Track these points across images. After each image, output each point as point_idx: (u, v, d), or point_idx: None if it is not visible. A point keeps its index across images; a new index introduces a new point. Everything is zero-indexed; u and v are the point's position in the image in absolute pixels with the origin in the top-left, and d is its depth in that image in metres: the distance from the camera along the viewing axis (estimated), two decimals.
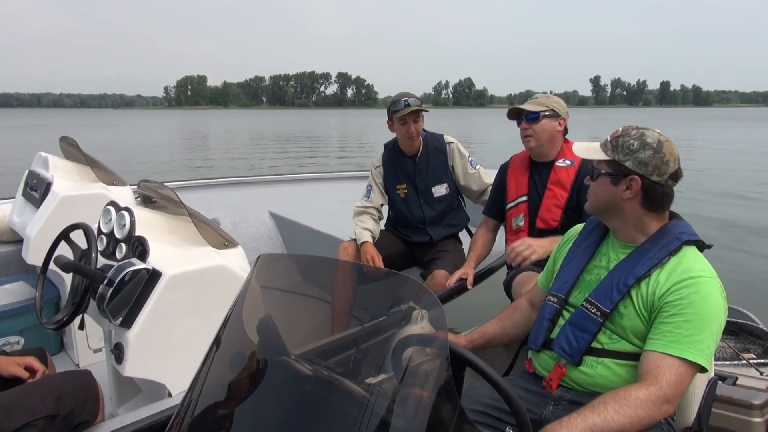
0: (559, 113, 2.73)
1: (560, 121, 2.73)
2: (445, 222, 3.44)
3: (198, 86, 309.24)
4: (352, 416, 1.09)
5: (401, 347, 1.24)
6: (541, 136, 2.73)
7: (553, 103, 2.74)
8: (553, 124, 2.72)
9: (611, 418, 1.46)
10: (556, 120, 2.73)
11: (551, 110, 2.72)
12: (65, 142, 3.70)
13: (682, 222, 1.73)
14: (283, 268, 1.54)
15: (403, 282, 1.39)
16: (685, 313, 1.55)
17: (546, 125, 2.72)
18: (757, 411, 2.18)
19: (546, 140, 2.74)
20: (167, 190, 2.54)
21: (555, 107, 2.73)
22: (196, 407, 1.21)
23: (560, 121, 2.73)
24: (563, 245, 2.00)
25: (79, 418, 1.76)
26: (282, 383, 1.23)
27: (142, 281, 2.00)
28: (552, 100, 2.77)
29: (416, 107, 3.22)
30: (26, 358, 1.95)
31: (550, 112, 2.72)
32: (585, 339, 1.70)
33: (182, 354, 1.98)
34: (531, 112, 2.72)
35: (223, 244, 2.36)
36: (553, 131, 2.73)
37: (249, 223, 4.79)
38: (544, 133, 2.72)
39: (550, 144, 2.75)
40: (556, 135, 2.75)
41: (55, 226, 2.36)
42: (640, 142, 1.66)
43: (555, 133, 2.74)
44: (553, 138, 2.75)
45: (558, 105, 2.75)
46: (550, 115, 2.72)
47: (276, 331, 1.30)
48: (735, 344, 2.84)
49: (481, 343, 2.02)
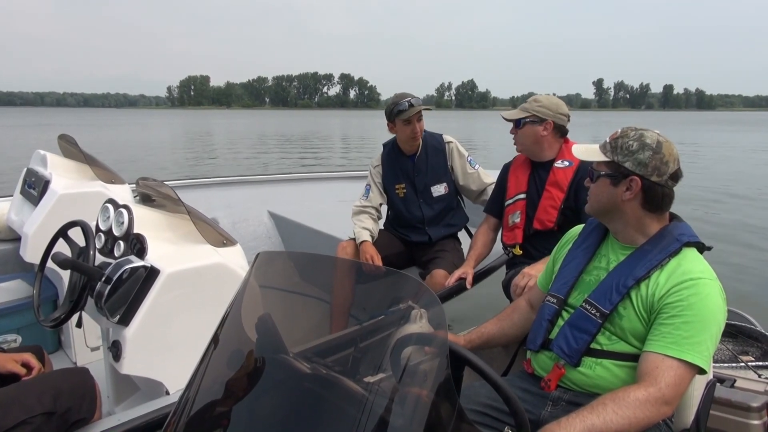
0: (544, 118, 2.74)
1: (545, 126, 2.75)
2: (444, 222, 3.43)
3: (201, 86, 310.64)
4: (350, 414, 1.09)
5: (400, 346, 1.23)
6: (524, 141, 2.82)
7: (537, 108, 2.76)
8: (535, 129, 2.76)
9: (610, 419, 1.45)
10: (540, 125, 2.75)
11: (533, 116, 2.75)
12: (64, 140, 3.69)
13: (682, 223, 1.73)
14: (282, 266, 1.54)
15: (403, 280, 1.39)
16: (685, 314, 1.55)
17: (527, 131, 2.78)
18: (755, 413, 2.17)
19: (530, 144, 2.81)
20: (166, 188, 2.53)
21: (539, 112, 2.75)
22: (193, 405, 1.20)
23: (545, 125, 2.75)
24: (563, 246, 2.00)
25: (76, 415, 1.75)
26: (280, 381, 1.23)
27: (140, 279, 2.00)
28: (538, 104, 2.78)
29: (420, 108, 3.23)
30: (23, 354, 1.94)
31: (532, 117, 2.75)
32: (584, 340, 1.69)
33: (180, 352, 1.98)
34: (516, 119, 2.79)
35: (221, 242, 2.36)
36: (535, 136, 2.77)
37: (248, 223, 4.79)
38: (527, 138, 2.80)
39: (535, 147, 2.81)
40: (541, 139, 2.78)
41: (53, 224, 2.36)
42: (639, 143, 1.66)
43: (538, 138, 2.77)
44: (538, 142, 2.79)
45: (543, 110, 2.76)
46: (531, 121, 2.76)
47: (275, 329, 1.29)
48: (734, 347, 2.83)
49: (480, 343, 2.02)
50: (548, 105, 2.77)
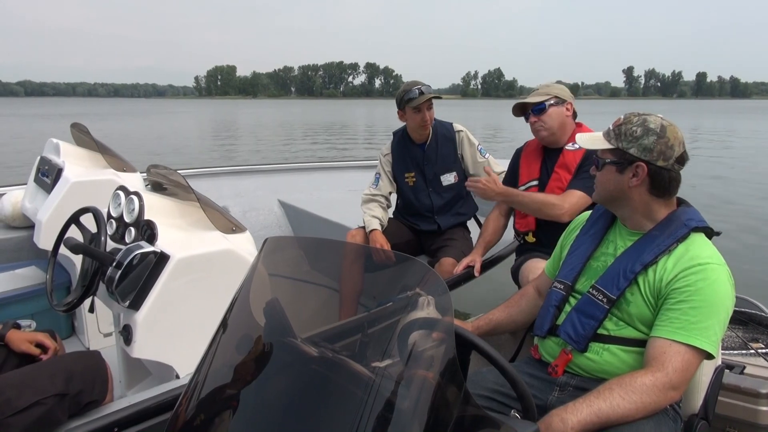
0: (564, 98, 2.73)
1: (567, 106, 2.74)
2: (453, 210, 3.43)
3: (227, 76, 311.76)
4: (357, 396, 1.10)
5: (407, 331, 1.24)
6: (551, 125, 2.73)
7: (555, 91, 2.75)
8: (560, 110, 2.73)
9: (617, 403, 1.46)
10: (563, 106, 2.73)
11: (555, 97, 2.72)
12: (76, 128, 3.72)
13: (690, 209, 1.71)
14: (291, 251, 1.54)
15: (411, 265, 1.39)
16: (693, 299, 1.55)
17: (554, 113, 2.73)
18: (764, 399, 2.18)
19: (557, 128, 2.74)
20: (176, 175, 2.55)
21: (558, 94, 2.73)
22: (203, 388, 1.22)
23: (567, 106, 2.74)
24: (570, 232, 1.99)
25: (88, 397, 1.78)
26: (288, 364, 1.24)
27: (151, 264, 2.02)
28: (553, 87, 2.78)
29: (431, 95, 3.22)
30: (38, 334, 1.97)
31: (555, 99, 2.72)
32: (591, 325, 1.69)
33: (190, 336, 2.00)
34: (536, 103, 2.73)
35: (231, 229, 2.38)
36: (561, 117, 2.73)
37: (258, 212, 4.82)
38: (554, 121, 2.73)
39: (561, 131, 2.76)
40: (566, 121, 2.75)
41: (66, 211, 2.38)
42: (643, 129, 1.64)
43: (564, 119, 2.74)
44: (564, 124, 2.75)
45: (560, 91, 2.76)
46: (555, 103, 2.72)
47: (283, 314, 1.30)
48: (743, 334, 2.82)
49: (488, 329, 2.02)
50: (561, 89, 2.78)
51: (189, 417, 1.19)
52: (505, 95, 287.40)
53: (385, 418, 1.07)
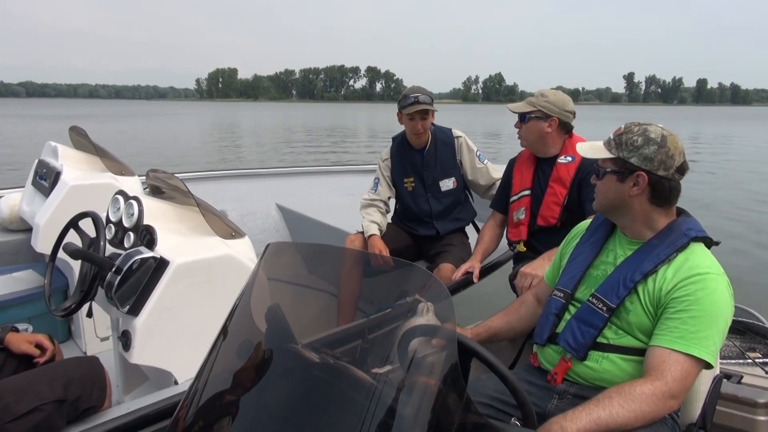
0: (550, 114, 2.70)
1: (550, 123, 2.71)
2: (452, 216, 3.44)
3: (229, 79, 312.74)
4: (358, 403, 1.10)
5: (408, 338, 1.24)
6: (527, 137, 2.78)
7: (543, 104, 2.71)
8: (540, 125, 2.72)
9: (616, 412, 1.46)
10: (546, 121, 2.71)
11: (539, 111, 2.71)
12: (75, 131, 3.71)
13: (690, 218, 1.72)
14: (292, 257, 1.54)
15: (411, 271, 1.39)
16: (692, 309, 1.55)
17: (532, 127, 2.74)
18: (762, 409, 2.17)
19: (533, 140, 2.77)
20: (175, 180, 2.55)
21: (545, 107, 2.70)
22: (203, 394, 1.22)
23: (550, 122, 2.71)
24: (570, 241, 2.00)
25: (86, 403, 1.78)
26: (289, 371, 1.24)
27: (150, 269, 2.01)
28: (545, 99, 2.73)
29: (424, 106, 3.18)
30: (37, 335, 1.96)
31: (538, 113, 2.71)
32: (590, 334, 1.70)
33: (189, 342, 1.99)
34: (521, 113, 2.75)
35: (230, 234, 2.37)
36: (540, 132, 2.73)
37: (256, 216, 4.81)
38: (531, 134, 2.76)
39: (539, 143, 2.77)
40: (545, 136, 2.74)
41: (64, 215, 2.38)
42: (643, 138, 1.65)
43: (543, 135, 2.74)
44: (542, 138, 2.75)
45: (549, 105, 2.71)
46: (537, 117, 2.72)
47: (284, 320, 1.30)
48: (741, 343, 2.83)
49: (487, 336, 2.02)
50: (555, 101, 2.72)
51: (189, 423, 1.19)
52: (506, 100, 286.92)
53: (387, 424, 1.07)
